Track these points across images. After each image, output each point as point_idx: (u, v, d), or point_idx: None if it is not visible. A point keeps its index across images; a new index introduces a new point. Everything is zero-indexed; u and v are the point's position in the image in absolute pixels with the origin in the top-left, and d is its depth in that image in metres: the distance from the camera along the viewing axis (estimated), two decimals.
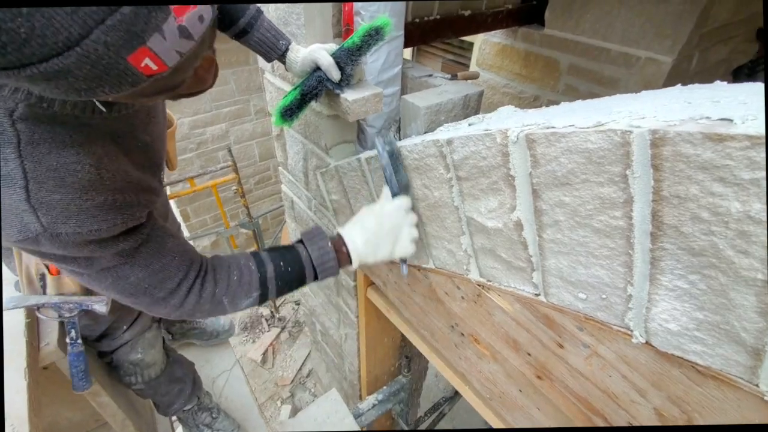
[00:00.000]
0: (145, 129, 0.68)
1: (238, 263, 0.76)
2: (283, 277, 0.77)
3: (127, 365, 1.26)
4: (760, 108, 0.43)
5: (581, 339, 0.66)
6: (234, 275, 0.74)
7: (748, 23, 1.97)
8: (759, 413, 0.49)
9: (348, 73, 0.99)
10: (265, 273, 0.76)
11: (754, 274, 0.42)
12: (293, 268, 0.78)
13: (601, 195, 0.54)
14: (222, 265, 0.74)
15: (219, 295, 0.72)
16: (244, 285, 0.74)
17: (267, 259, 0.77)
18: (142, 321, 1.24)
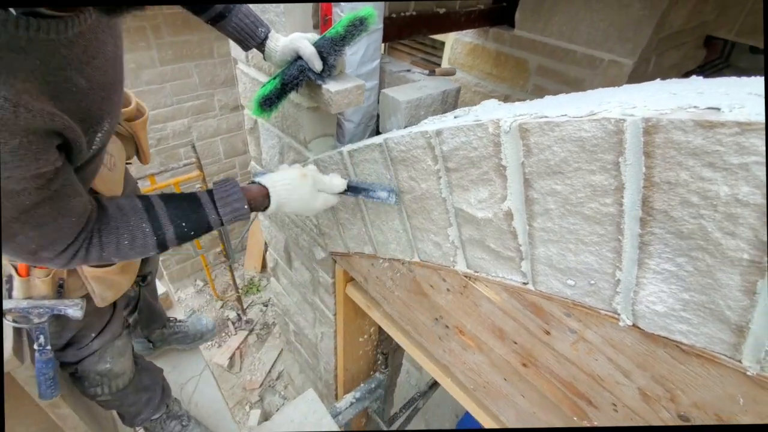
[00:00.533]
0: (81, 70, 0.58)
1: (127, 224, 0.68)
2: (184, 237, 0.72)
3: (94, 376, 1.16)
4: (743, 98, 0.45)
5: (568, 325, 0.68)
6: (124, 239, 0.67)
7: (697, 31, 2.13)
8: (741, 388, 0.52)
9: (330, 63, 0.96)
10: (163, 236, 0.70)
11: (740, 254, 0.45)
12: (197, 227, 0.73)
13: (593, 183, 0.55)
14: (108, 227, 0.66)
15: (107, 256, 0.67)
16: (137, 247, 0.68)
17: (166, 219, 0.70)
18: (113, 327, 1.15)
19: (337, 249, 1.29)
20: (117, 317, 1.16)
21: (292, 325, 2.24)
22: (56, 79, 0.54)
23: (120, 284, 0.97)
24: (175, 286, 4.88)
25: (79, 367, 1.13)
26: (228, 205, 0.75)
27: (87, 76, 0.59)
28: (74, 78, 0.57)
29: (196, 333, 1.75)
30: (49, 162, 0.54)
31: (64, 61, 0.54)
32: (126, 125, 1.02)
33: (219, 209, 0.74)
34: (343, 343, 1.68)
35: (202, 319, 1.81)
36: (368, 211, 1.04)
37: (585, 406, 0.73)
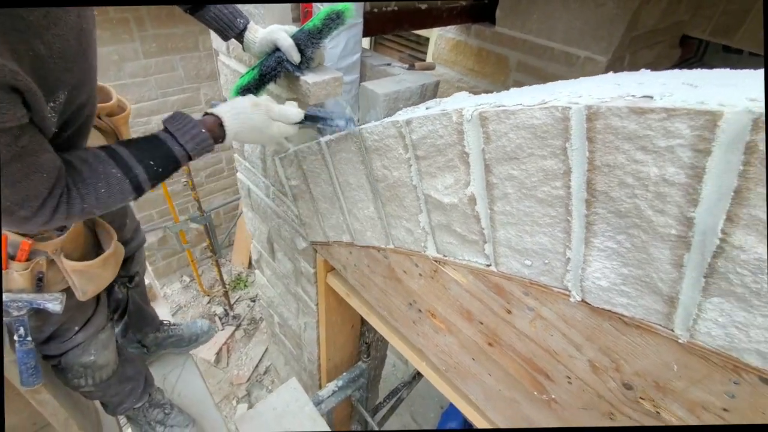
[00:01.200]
0: (41, 36, 0.58)
1: (97, 173, 0.69)
2: (156, 176, 0.74)
3: (77, 368, 1.16)
4: (675, 87, 0.50)
5: (526, 303, 0.73)
6: (101, 188, 0.69)
7: (672, 31, 2.20)
8: (674, 355, 0.57)
9: (308, 55, 0.99)
10: (136, 177, 0.71)
11: (669, 230, 0.49)
12: (166, 164, 0.75)
13: (545, 167, 0.59)
14: (82, 179, 0.68)
15: (89, 208, 0.68)
16: (116, 194, 0.70)
17: (133, 161, 0.71)
18: (97, 320, 1.15)
19: (317, 238, 1.32)
20: (101, 311, 1.17)
21: (276, 317, 2.26)
22: (15, 40, 0.54)
23: (101, 278, 0.98)
24: (161, 281, 4.85)
25: (63, 359, 1.13)
26: (186, 133, 0.76)
27: (47, 43, 0.59)
28: (33, 43, 0.57)
29: (192, 335, 1.73)
30: (15, 117, 0.55)
31: (23, 23, 0.55)
32: (107, 120, 1.03)
33: (179, 139, 0.75)
34: (325, 333, 1.72)
35: (197, 321, 1.79)
36: (345, 200, 1.07)
37: (543, 381, 0.78)
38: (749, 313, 0.47)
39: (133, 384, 1.36)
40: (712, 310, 0.50)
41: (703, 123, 0.43)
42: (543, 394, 0.80)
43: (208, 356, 4.25)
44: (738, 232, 0.44)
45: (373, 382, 2.71)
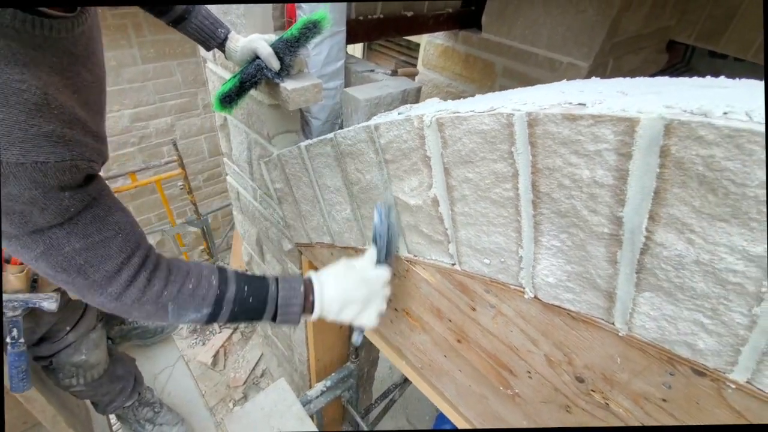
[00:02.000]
0: (86, 65, 0.61)
1: (199, 272, 0.70)
2: (241, 304, 0.72)
3: (69, 367, 1.20)
4: (610, 94, 0.53)
5: (488, 300, 0.76)
6: (190, 283, 0.68)
7: (657, 36, 2.23)
8: (617, 348, 0.60)
9: (287, 63, 1.03)
10: (224, 292, 0.70)
11: (602, 228, 0.53)
12: (255, 298, 0.74)
13: (496, 170, 0.63)
14: (180, 268, 0.68)
15: (166, 298, 0.66)
16: (198, 297, 0.68)
17: (232, 279, 0.72)
18: (87, 320, 1.19)
19: (301, 240, 1.35)
20: (91, 309, 1.20)
21: None
22: (71, 74, 0.56)
23: None
24: None
25: (54, 359, 1.17)
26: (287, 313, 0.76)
27: (90, 70, 0.62)
28: (83, 73, 0.60)
29: (156, 328, 1.77)
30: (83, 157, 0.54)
31: (73, 57, 0.57)
32: None
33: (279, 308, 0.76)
34: (313, 333, 1.75)
35: None
36: (325, 202, 1.11)
37: (507, 376, 0.81)
38: (676, 306, 0.50)
39: (123, 383, 1.39)
40: (645, 304, 0.53)
41: (624, 128, 0.46)
42: (508, 389, 0.83)
43: (205, 359, 4.28)
44: (659, 230, 0.47)
45: (366, 383, 2.73)
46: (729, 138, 0.40)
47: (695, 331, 0.50)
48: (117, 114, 3.52)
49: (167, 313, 0.67)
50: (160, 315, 0.67)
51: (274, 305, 0.75)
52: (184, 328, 4.50)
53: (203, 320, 0.71)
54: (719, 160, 0.41)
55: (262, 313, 0.75)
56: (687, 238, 0.46)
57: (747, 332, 0.46)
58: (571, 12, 1.65)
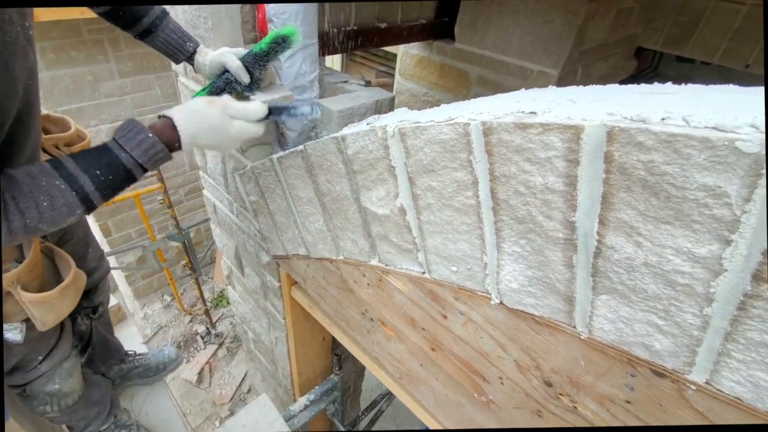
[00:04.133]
0: None
1: (39, 186, 0.65)
2: (106, 186, 0.69)
3: (42, 396, 1.15)
4: (560, 102, 0.54)
5: (457, 307, 0.76)
6: (43, 201, 0.64)
7: (625, 43, 2.31)
8: (580, 351, 0.60)
9: (256, 76, 1.03)
10: (82, 188, 0.67)
11: (557, 233, 0.54)
12: (114, 173, 0.70)
13: (457, 179, 0.63)
14: (22, 192, 0.63)
15: (32, 223, 0.64)
16: (60, 207, 0.66)
17: (78, 171, 0.67)
18: (61, 350, 1.13)
19: (278, 252, 1.34)
20: (65, 339, 1.16)
21: (250, 333, 2.25)
22: None
23: (61, 307, 0.96)
24: (141, 301, 4.77)
25: (28, 388, 1.13)
26: (132, 140, 0.71)
27: None
28: None
29: (159, 364, 1.70)
30: None
31: None
32: (65, 149, 1.01)
33: (125, 146, 0.70)
34: (294, 347, 1.72)
35: (164, 349, 1.77)
36: (298, 214, 1.10)
37: (481, 382, 0.81)
38: (631, 308, 0.51)
39: (99, 407, 1.35)
40: (602, 306, 0.54)
41: (570, 136, 0.47)
42: (482, 395, 0.83)
43: (189, 377, 4.17)
44: (609, 234, 0.48)
45: (353, 395, 2.70)
46: (666, 143, 0.41)
47: (650, 332, 0.51)
48: (94, 129, 3.46)
49: (44, 230, 0.66)
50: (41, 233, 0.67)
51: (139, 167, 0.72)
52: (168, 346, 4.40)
53: (84, 215, 0.70)
54: (659, 165, 0.42)
55: (133, 178, 0.72)
56: (635, 241, 0.47)
57: (701, 333, 0.47)
58: (539, 22, 1.69)
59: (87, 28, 3.17)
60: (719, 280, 0.43)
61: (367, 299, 1.01)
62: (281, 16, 1.23)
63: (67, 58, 3.13)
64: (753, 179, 0.37)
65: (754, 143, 0.36)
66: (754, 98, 0.46)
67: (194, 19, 1.11)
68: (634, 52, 2.51)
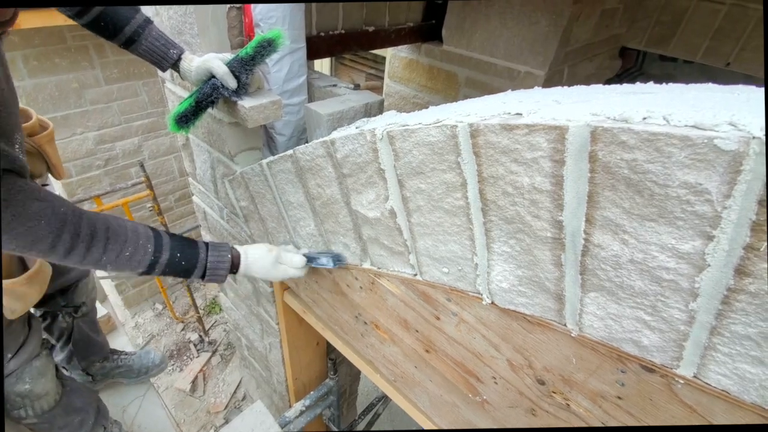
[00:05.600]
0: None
1: (136, 240, 0.79)
2: (172, 267, 0.85)
3: (14, 397, 1.14)
4: (546, 103, 0.55)
5: (450, 308, 0.76)
6: (127, 251, 0.78)
7: (610, 43, 2.34)
8: (571, 349, 0.61)
9: (243, 81, 1.03)
10: (158, 259, 0.82)
11: (545, 233, 0.54)
12: (187, 262, 0.86)
13: (446, 180, 0.64)
14: (119, 235, 0.77)
15: (105, 262, 0.77)
16: (134, 263, 0.80)
17: (167, 247, 0.83)
18: (30, 347, 1.13)
19: None
20: (33, 336, 1.15)
21: (244, 340, 2.23)
22: None
23: (28, 295, 0.99)
24: (133, 310, 4.71)
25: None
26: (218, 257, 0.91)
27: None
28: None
29: (142, 367, 1.70)
30: None
31: None
32: (30, 141, 1.04)
33: (209, 257, 0.89)
34: (288, 352, 1.71)
35: (150, 352, 1.77)
36: (289, 218, 1.10)
37: (475, 383, 0.81)
38: (619, 305, 0.52)
39: (82, 415, 1.33)
40: (591, 303, 0.54)
41: (555, 136, 0.48)
42: (476, 395, 0.83)
43: (182, 385, 4.12)
44: (596, 232, 0.49)
45: (349, 399, 2.69)
46: (648, 142, 0.42)
47: (638, 328, 0.52)
48: (80, 137, 3.41)
49: (106, 269, 0.80)
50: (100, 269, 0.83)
51: (203, 269, 0.89)
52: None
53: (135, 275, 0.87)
54: (642, 163, 0.43)
55: (191, 274, 0.88)
56: (621, 239, 0.47)
57: (687, 327, 0.48)
58: (525, 23, 1.71)
59: (71, 35, 3.13)
60: (703, 275, 0.44)
61: (360, 302, 1.01)
62: (268, 21, 1.23)
63: (51, 66, 3.09)
64: (732, 176, 0.38)
65: (732, 141, 0.37)
66: (731, 96, 0.47)
67: (180, 25, 1.11)
68: (618, 52, 2.55)
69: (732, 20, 2.02)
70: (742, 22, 1.98)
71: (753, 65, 2.06)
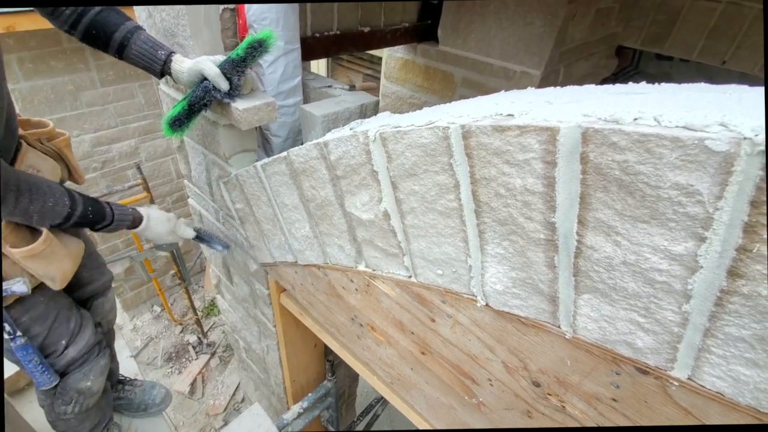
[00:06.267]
0: None
1: (54, 194, 0.91)
2: (84, 218, 0.98)
3: (72, 393, 1.16)
4: (538, 104, 0.55)
5: (445, 310, 0.76)
6: (50, 201, 0.89)
7: (606, 42, 2.34)
8: (565, 350, 0.61)
9: (236, 83, 1.02)
10: (74, 211, 0.95)
11: (538, 234, 0.54)
12: (94, 216, 1.01)
13: (439, 182, 0.63)
14: (40, 187, 0.88)
15: (31, 211, 0.86)
16: (55, 213, 0.91)
17: (80, 202, 0.97)
18: (86, 336, 1.16)
19: (265, 260, 1.32)
20: (87, 326, 1.19)
21: (241, 342, 2.23)
22: None
23: (59, 258, 1.01)
24: (131, 313, 4.70)
25: (61, 383, 1.15)
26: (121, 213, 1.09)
27: None
28: None
29: (141, 403, 1.62)
30: None
31: None
32: (49, 145, 1.06)
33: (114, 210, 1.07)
34: (286, 354, 1.70)
35: (155, 387, 1.66)
36: (284, 221, 1.09)
37: (470, 385, 0.81)
38: (613, 306, 0.51)
39: (102, 415, 1.35)
40: (585, 305, 0.54)
41: (547, 138, 0.47)
42: (472, 398, 0.83)
43: (181, 388, 4.11)
44: (589, 234, 0.49)
45: (348, 400, 2.68)
46: (639, 143, 0.41)
47: (632, 330, 0.51)
48: (77, 139, 3.40)
49: (32, 220, 0.89)
50: (26, 220, 0.89)
51: (110, 221, 1.05)
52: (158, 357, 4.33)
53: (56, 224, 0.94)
54: (633, 164, 0.42)
55: (100, 223, 1.03)
56: (614, 240, 0.47)
57: (681, 329, 0.48)
58: (520, 24, 1.71)
59: (66, 37, 3.12)
60: (696, 277, 0.43)
61: (356, 305, 1.01)
62: (262, 22, 1.22)
63: (46, 68, 3.08)
64: (723, 177, 0.38)
65: (723, 141, 0.37)
66: (723, 97, 0.47)
67: (173, 27, 1.10)
68: (615, 51, 2.55)
69: (727, 18, 2.02)
70: (738, 20, 1.98)
71: (749, 63, 2.06)
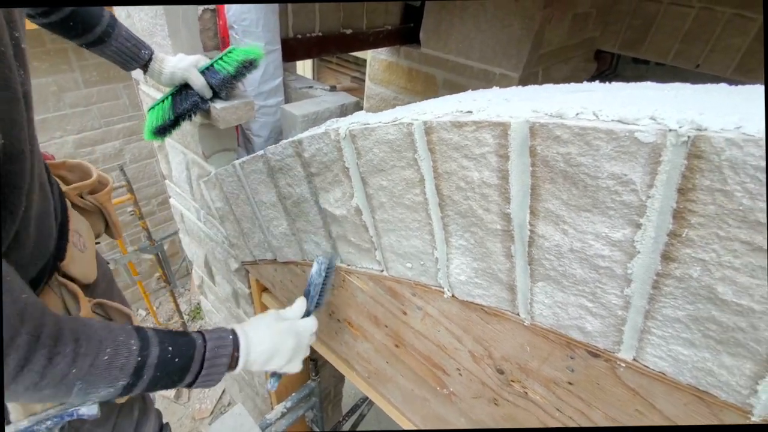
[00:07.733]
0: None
1: (115, 338, 0.56)
2: (165, 367, 0.61)
3: None
4: (497, 102, 0.57)
5: (415, 303, 0.78)
6: (105, 354, 0.54)
7: (584, 46, 2.40)
8: (525, 337, 0.63)
9: (222, 97, 1.05)
10: (146, 357, 0.58)
11: (495, 225, 0.56)
12: (181, 357, 0.63)
13: (405, 177, 0.66)
14: (91, 336, 0.54)
15: (74, 376, 0.51)
16: (114, 369, 0.55)
17: (154, 340, 0.60)
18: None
19: (246, 258, 1.33)
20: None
21: None
22: None
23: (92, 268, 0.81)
24: None
25: None
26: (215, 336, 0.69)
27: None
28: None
29: None
30: None
31: None
32: (90, 198, 0.93)
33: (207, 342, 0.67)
34: None
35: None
36: (263, 218, 1.11)
37: (442, 375, 0.83)
38: (564, 293, 0.54)
39: None
40: (539, 293, 0.57)
41: (500, 132, 0.50)
42: (444, 388, 0.85)
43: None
44: (540, 224, 0.52)
45: (333, 400, 2.69)
46: (579, 136, 0.44)
47: (582, 314, 0.54)
48: (59, 140, 3.36)
49: (70, 394, 0.53)
50: (61, 396, 0.53)
51: (200, 362, 0.65)
52: None
53: (114, 396, 0.58)
54: (575, 156, 0.45)
55: (186, 372, 0.64)
56: (562, 229, 0.50)
57: (624, 312, 0.51)
58: (498, 27, 1.75)
59: (50, 38, 3.09)
60: (634, 262, 0.46)
61: (333, 300, 1.02)
62: (242, 23, 1.24)
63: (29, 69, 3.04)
64: (653, 166, 0.41)
65: (650, 133, 0.40)
66: (662, 93, 0.50)
67: (151, 27, 1.11)
68: (594, 55, 2.62)
69: (701, 23, 2.09)
70: (711, 24, 2.05)
71: (721, 66, 2.13)
